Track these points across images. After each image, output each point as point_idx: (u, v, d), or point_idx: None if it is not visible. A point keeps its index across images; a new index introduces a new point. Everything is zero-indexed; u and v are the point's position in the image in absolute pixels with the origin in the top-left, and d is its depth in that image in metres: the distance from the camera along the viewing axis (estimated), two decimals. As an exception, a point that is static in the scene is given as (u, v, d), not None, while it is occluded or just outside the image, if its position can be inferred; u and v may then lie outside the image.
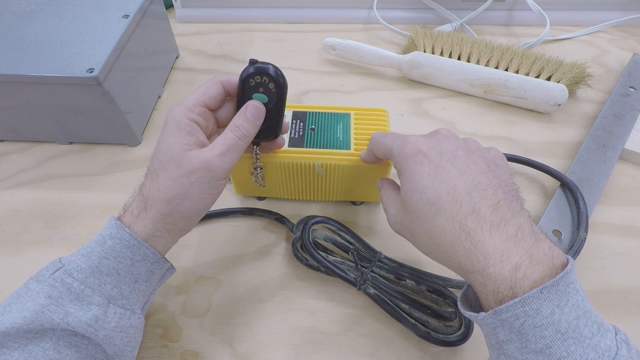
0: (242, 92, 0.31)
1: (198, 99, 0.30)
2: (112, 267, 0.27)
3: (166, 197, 0.28)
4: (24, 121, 0.47)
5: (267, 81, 0.31)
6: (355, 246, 0.38)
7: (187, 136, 0.29)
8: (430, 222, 0.26)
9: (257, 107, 0.31)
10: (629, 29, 0.66)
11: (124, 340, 0.28)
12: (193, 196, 0.29)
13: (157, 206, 0.28)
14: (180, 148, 0.29)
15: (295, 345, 0.35)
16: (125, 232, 0.28)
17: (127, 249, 0.28)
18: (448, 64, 0.54)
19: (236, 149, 0.30)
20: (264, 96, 0.31)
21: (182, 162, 0.28)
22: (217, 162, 0.29)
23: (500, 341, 0.23)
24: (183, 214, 0.29)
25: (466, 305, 0.27)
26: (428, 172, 0.27)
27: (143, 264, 0.29)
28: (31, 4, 0.49)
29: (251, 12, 0.68)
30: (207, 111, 0.31)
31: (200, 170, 0.28)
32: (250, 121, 0.30)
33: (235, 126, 0.30)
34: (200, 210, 0.30)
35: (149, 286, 0.30)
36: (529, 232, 0.24)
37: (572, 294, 0.22)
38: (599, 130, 0.49)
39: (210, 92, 0.31)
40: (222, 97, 0.32)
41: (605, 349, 0.21)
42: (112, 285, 0.27)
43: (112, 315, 0.27)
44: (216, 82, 0.31)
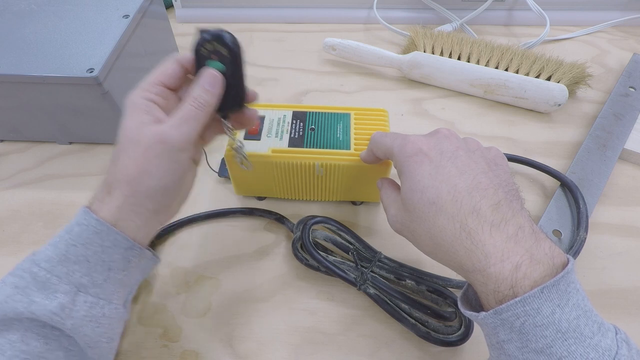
0: (197, 64, 0.30)
1: (154, 79, 0.29)
2: (80, 255, 0.26)
3: (126, 177, 0.27)
4: (24, 121, 0.47)
5: (220, 47, 0.29)
6: (355, 246, 0.38)
7: (143, 115, 0.28)
8: (430, 222, 0.26)
9: (212, 75, 0.29)
10: (629, 29, 0.66)
11: (96, 330, 0.27)
12: (153, 173, 0.27)
13: (119, 188, 0.27)
14: (135, 126, 0.28)
15: (295, 345, 0.35)
16: (92, 218, 0.27)
17: (94, 234, 0.27)
18: (448, 64, 0.54)
19: (193, 119, 0.28)
20: (219, 64, 0.29)
21: (139, 140, 0.27)
22: (173, 133, 0.27)
23: (500, 341, 0.23)
24: (147, 193, 0.28)
25: (466, 304, 0.27)
26: (428, 172, 0.27)
27: (115, 250, 0.27)
28: (31, 4, 0.49)
29: (251, 12, 0.68)
30: (165, 90, 0.30)
31: (156, 144, 0.27)
32: (207, 89, 0.29)
33: (191, 97, 0.29)
34: (165, 188, 0.28)
35: (127, 276, 0.29)
36: (529, 231, 0.24)
37: (572, 293, 0.22)
38: (599, 130, 0.49)
39: (166, 70, 0.30)
40: (181, 75, 0.30)
41: (605, 349, 0.21)
42: (82, 273, 0.26)
43: (82, 303, 0.26)
44: (172, 60, 0.30)
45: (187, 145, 0.28)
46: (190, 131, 0.28)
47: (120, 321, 0.29)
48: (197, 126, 0.29)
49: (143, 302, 0.37)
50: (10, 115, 0.46)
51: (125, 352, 0.34)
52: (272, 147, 0.38)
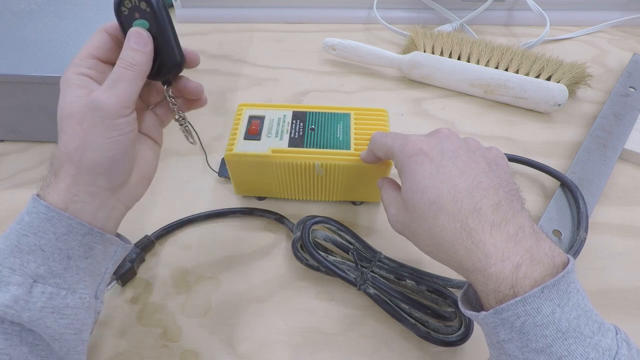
0: (122, 27, 0.28)
1: (84, 53, 0.28)
2: (33, 244, 0.25)
3: (67, 154, 0.26)
4: (24, 121, 0.47)
5: (138, 2, 0.27)
6: (355, 246, 0.38)
7: (77, 89, 0.26)
8: (431, 222, 0.26)
9: (137, 32, 0.27)
10: (629, 29, 0.66)
11: (59, 322, 0.25)
12: (92, 144, 0.26)
13: (64, 168, 0.26)
14: (69, 101, 0.26)
15: (295, 345, 0.35)
16: (41, 205, 0.25)
17: (45, 222, 0.25)
18: (448, 64, 0.54)
19: (125, 80, 0.27)
20: (143, 22, 0.28)
21: (72, 113, 0.26)
22: (103, 97, 0.26)
23: (501, 340, 0.23)
24: (92, 168, 0.26)
25: (467, 304, 0.27)
26: (429, 172, 0.27)
27: (71, 237, 0.26)
28: (31, 4, 0.49)
29: (251, 12, 0.68)
30: (98, 63, 0.28)
31: (88, 112, 0.26)
32: (134, 48, 0.27)
33: (120, 59, 0.27)
34: (111, 159, 0.27)
35: (92, 264, 0.27)
36: (529, 231, 0.24)
37: (572, 293, 0.22)
38: (599, 130, 0.49)
39: (94, 42, 0.28)
40: (111, 45, 0.28)
41: (605, 348, 0.21)
42: (38, 264, 0.25)
43: (39, 295, 0.25)
44: (99, 31, 0.28)
45: (123, 110, 0.26)
46: (123, 93, 0.26)
47: (89, 311, 0.28)
48: (130, 88, 0.27)
49: (143, 302, 0.37)
50: (10, 115, 0.46)
51: (125, 352, 0.34)
52: (272, 147, 0.38)
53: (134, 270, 0.38)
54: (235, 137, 0.39)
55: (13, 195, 0.45)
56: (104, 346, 0.34)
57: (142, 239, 0.39)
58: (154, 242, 0.40)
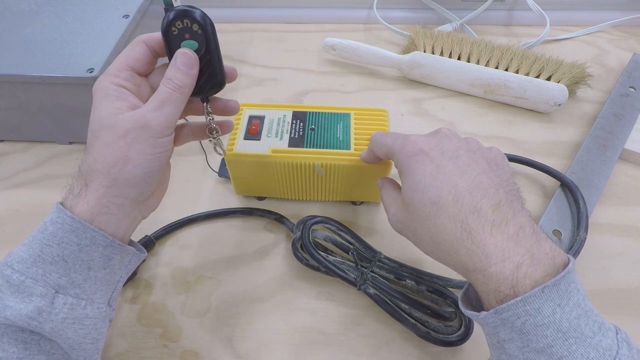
0: (168, 45, 0.28)
1: (122, 63, 0.28)
2: (56, 255, 0.25)
3: (105, 166, 0.26)
4: (24, 121, 0.47)
5: (190, 24, 0.27)
6: (355, 246, 0.38)
7: (116, 101, 0.27)
8: (431, 221, 0.26)
9: (186, 54, 0.28)
10: (629, 29, 0.66)
11: (79, 332, 0.25)
12: (134, 159, 0.26)
13: (97, 179, 0.26)
14: (109, 112, 0.26)
15: (295, 345, 0.35)
16: (67, 215, 0.25)
17: (70, 233, 0.25)
18: (448, 64, 0.54)
19: (172, 102, 0.27)
20: (192, 42, 0.28)
21: (115, 126, 0.26)
22: (152, 117, 0.26)
23: (501, 340, 0.23)
24: (128, 181, 0.26)
25: (467, 304, 0.27)
26: (430, 172, 0.27)
27: (93, 249, 0.26)
28: (31, 4, 0.49)
29: (251, 12, 0.68)
30: (135, 75, 0.28)
31: (134, 129, 0.26)
32: (182, 70, 0.27)
33: (166, 79, 0.27)
34: (147, 175, 0.27)
35: (109, 273, 0.27)
36: (530, 231, 0.24)
37: (573, 293, 0.22)
38: (599, 130, 0.49)
39: (133, 54, 0.28)
40: (150, 59, 0.29)
41: (606, 348, 0.21)
42: (60, 274, 0.25)
43: (61, 306, 0.25)
44: (138, 43, 0.28)
45: (168, 130, 0.27)
46: (170, 115, 0.27)
47: (105, 320, 0.28)
48: (176, 109, 0.28)
49: (143, 302, 0.37)
50: (10, 115, 0.46)
51: (125, 352, 0.34)
52: (272, 147, 0.38)
53: (134, 270, 0.38)
54: (235, 137, 0.39)
55: (13, 195, 0.45)
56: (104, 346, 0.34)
57: (142, 239, 0.40)
58: (154, 242, 0.40)
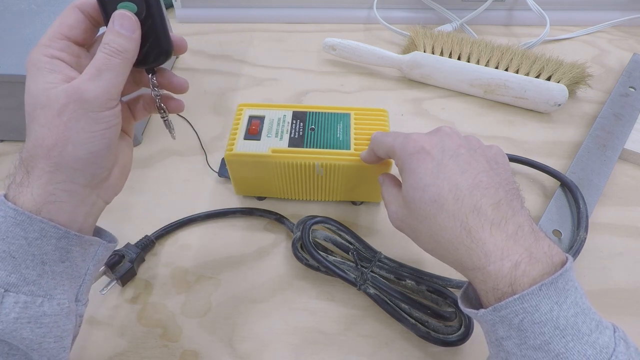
0: (104, 8, 0.25)
1: (55, 32, 0.25)
2: (1, 251, 0.23)
3: (44, 149, 0.23)
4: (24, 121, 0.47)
5: None
6: (355, 246, 0.38)
7: (49, 74, 0.24)
8: (431, 220, 0.26)
9: (125, 15, 0.25)
10: (629, 29, 0.66)
11: (36, 332, 0.23)
12: (74, 139, 0.23)
13: (38, 165, 0.23)
14: (42, 88, 0.23)
15: (295, 345, 0.35)
16: (9, 208, 0.23)
17: (15, 226, 0.23)
18: (448, 64, 0.54)
19: (111, 69, 0.24)
20: (130, 4, 0.25)
21: (49, 103, 0.23)
22: (89, 87, 0.23)
23: (499, 338, 0.23)
24: (73, 164, 0.24)
25: (466, 302, 0.27)
26: (430, 170, 0.27)
27: (45, 242, 0.24)
28: (31, 4, 0.49)
29: (251, 12, 0.68)
30: (71, 45, 0.25)
31: (70, 104, 0.23)
32: (121, 33, 0.24)
33: (104, 44, 0.24)
34: (93, 155, 0.24)
35: (70, 267, 0.25)
36: (528, 230, 0.24)
37: (570, 291, 0.22)
38: (599, 130, 0.49)
39: (67, 20, 0.25)
40: (87, 26, 0.26)
41: (603, 346, 0.21)
42: (8, 271, 0.23)
43: (12, 305, 0.23)
44: (71, 8, 0.25)
45: (109, 102, 0.24)
46: (109, 83, 0.24)
47: (70, 316, 0.26)
48: (117, 77, 0.24)
49: (143, 302, 0.37)
50: (11, 115, 0.46)
51: (125, 352, 0.34)
52: (272, 147, 0.38)
53: (134, 270, 0.38)
54: (235, 137, 0.39)
55: (13, 195, 0.45)
56: (104, 346, 0.34)
57: (142, 239, 0.40)
58: (154, 242, 0.40)
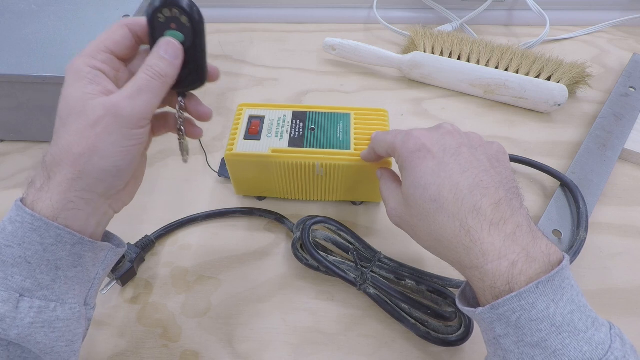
0: (152, 31, 0.26)
1: (100, 45, 0.26)
2: (17, 256, 0.23)
3: (71, 157, 0.24)
4: (24, 121, 0.47)
5: (179, 14, 0.26)
6: (355, 246, 0.38)
7: (89, 85, 0.24)
8: (431, 218, 0.26)
9: (171, 43, 0.26)
10: (629, 29, 0.66)
11: (50, 336, 0.24)
12: (103, 151, 0.24)
13: (62, 171, 0.24)
14: (80, 97, 0.24)
15: (295, 345, 0.35)
16: (27, 213, 0.23)
17: (32, 232, 0.23)
18: (448, 64, 0.54)
19: (150, 90, 0.25)
20: (178, 33, 0.26)
21: (85, 112, 0.24)
22: (126, 105, 0.24)
23: (497, 336, 0.23)
24: (96, 174, 0.24)
25: (464, 301, 0.27)
26: (431, 168, 0.27)
27: (60, 248, 0.24)
28: (31, 4, 0.49)
29: (251, 12, 0.68)
30: (114, 59, 0.26)
31: (106, 117, 0.24)
32: (165, 58, 0.26)
33: (147, 65, 0.25)
34: (118, 168, 0.25)
35: (82, 272, 0.25)
36: (527, 230, 0.24)
37: (567, 289, 0.22)
38: (599, 130, 0.49)
39: (114, 36, 0.26)
40: (131, 43, 0.27)
41: (599, 342, 0.21)
42: (24, 277, 0.23)
43: (27, 310, 0.23)
44: (121, 26, 0.26)
45: (143, 121, 0.25)
46: (147, 104, 0.25)
47: (80, 320, 0.26)
48: (154, 99, 0.25)
49: (143, 302, 0.37)
50: (10, 115, 0.46)
51: (125, 352, 0.34)
52: (272, 147, 0.38)
53: (134, 270, 0.38)
54: (235, 137, 0.39)
55: (13, 196, 0.45)
56: (104, 346, 0.34)
57: (142, 239, 0.40)
58: (154, 242, 0.40)
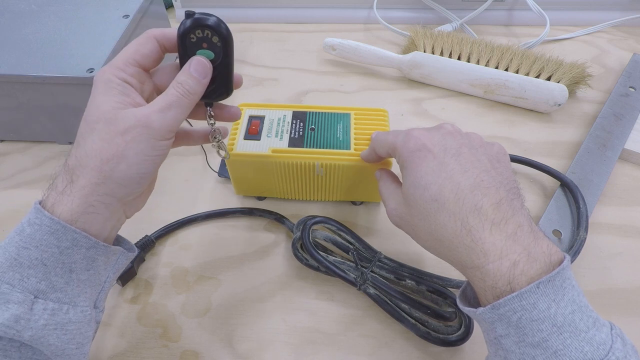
0: (183, 50, 0.27)
1: (129, 58, 0.27)
2: (34, 258, 0.24)
3: (97, 161, 0.24)
4: (24, 121, 0.47)
5: (210, 35, 0.27)
6: (355, 246, 0.38)
7: (119, 95, 0.26)
8: (432, 218, 0.26)
9: (202, 63, 0.27)
10: (629, 29, 0.66)
11: (62, 338, 0.24)
12: (130, 158, 0.25)
13: (86, 175, 0.24)
14: (111, 106, 0.25)
15: (295, 345, 0.35)
16: (45, 216, 0.24)
17: (49, 235, 0.24)
18: (448, 64, 0.54)
19: (179, 106, 0.26)
20: (209, 52, 0.28)
21: (115, 120, 0.25)
22: (156, 117, 0.25)
23: (498, 336, 0.23)
24: (120, 180, 0.25)
25: (465, 302, 0.27)
26: (432, 168, 0.27)
27: (75, 251, 0.24)
28: (31, 4, 0.49)
29: (251, 12, 0.68)
30: (141, 72, 0.28)
31: (137, 127, 0.25)
32: (195, 77, 0.27)
33: (177, 82, 0.27)
34: (141, 176, 0.26)
35: (94, 275, 0.26)
36: (528, 230, 0.24)
37: (568, 289, 0.22)
38: (599, 130, 0.49)
39: (143, 49, 0.27)
40: (158, 55, 0.28)
41: (600, 342, 0.21)
42: (39, 279, 0.24)
43: (41, 312, 0.23)
44: (149, 38, 0.27)
45: (170, 134, 0.27)
46: (175, 118, 0.26)
47: (90, 323, 0.27)
48: (182, 114, 0.27)
49: (143, 302, 0.37)
50: (10, 115, 0.46)
51: (125, 352, 0.34)
52: (272, 147, 0.38)
53: (134, 270, 0.38)
54: (235, 137, 0.39)
55: (13, 195, 0.45)
56: (104, 346, 0.34)
57: (142, 239, 0.40)
58: (154, 242, 0.40)
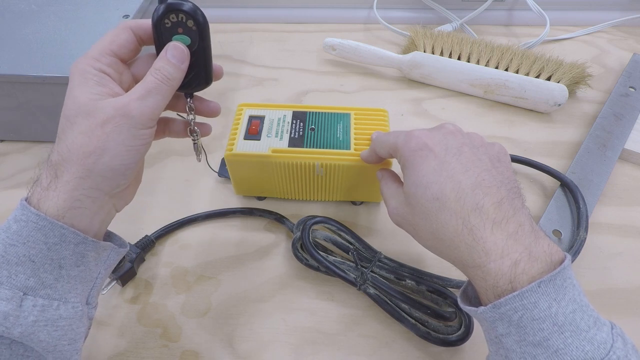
0: (158, 37, 0.27)
1: (105, 48, 0.26)
2: (22, 255, 0.23)
3: (79, 155, 0.24)
4: (24, 121, 0.47)
5: (185, 19, 0.26)
6: (355, 246, 0.38)
7: (96, 86, 0.25)
8: (433, 217, 0.26)
9: (178, 47, 0.27)
10: (629, 29, 0.66)
11: (53, 334, 0.24)
12: (112, 149, 0.25)
13: (70, 169, 0.24)
14: (88, 98, 0.25)
15: (295, 345, 0.35)
16: (31, 212, 0.23)
17: (36, 231, 0.23)
18: (448, 64, 0.54)
19: (158, 92, 0.26)
20: (185, 37, 0.27)
21: (93, 112, 0.24)
22: (136, 106, 0.25)
23: (499, 335, 0.23)
24: (104, 172, 0.25)
25: (466, 301, 0.27)
26: (433, 167, 0.27)
27: (64, 247, 0.24)
28: (31, 4, 0.49)
29: (251, 12, 0.68)
30: (117, 62, 0.27)
31: (116, 117, 0.24)
32: (172, 63, 0.27)
33: (155, 69, 0.26)
34: (125, 167, 0.26)
35: (84, 271, 0.26)
36: (529, 229, 0.24)
37: (569, 288, 0.22)
38: (599, 130, 0.49)
39: (118, 39, 0.27)
40: (134, 46, 0.28)
41: (601, 342, 0.21)
42: (27, 275, 0.23)
43: (30, 308, 0.23)
44: (124, 28, 0.27)
45: (151, 122, 0.26)
46: (155, 105, 0.26)
47: (82, 319, 0.26)
48: (162, 100, 0.26)
49: (143, 302, 0.37)
50: (10, 115, 0.46)
51: (125, 352, 0.34)
52: (272, 147, 0.38)
53: (134, 270, 0.38)
54: (235, 137, 0.39)
55: (13, 195, 0.45)
56: (104, 346, 0.34)
57: (142, 239, 0.40)
58: (154, 242, 0.40)
